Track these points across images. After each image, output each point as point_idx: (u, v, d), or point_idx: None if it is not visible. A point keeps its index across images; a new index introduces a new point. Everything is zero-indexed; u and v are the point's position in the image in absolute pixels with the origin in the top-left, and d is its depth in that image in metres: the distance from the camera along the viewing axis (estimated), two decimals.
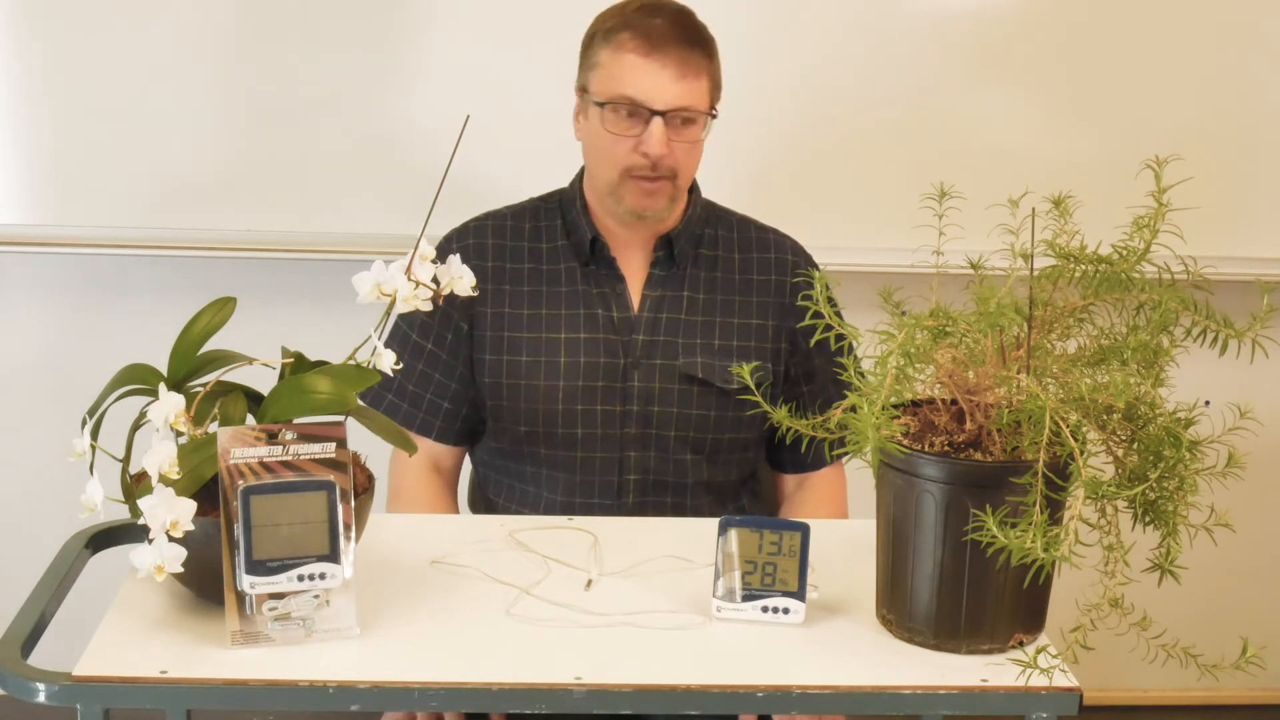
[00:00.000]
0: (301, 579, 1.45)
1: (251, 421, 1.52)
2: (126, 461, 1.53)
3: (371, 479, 1.60)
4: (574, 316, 2.05)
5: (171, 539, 1.41)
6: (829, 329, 1.54)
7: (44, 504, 2.30)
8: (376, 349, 1.55)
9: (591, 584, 1.65)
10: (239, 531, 1.43)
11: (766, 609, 1.55)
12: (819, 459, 2.12)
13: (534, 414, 2.04)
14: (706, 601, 1.57)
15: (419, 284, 1.53)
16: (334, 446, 1.48)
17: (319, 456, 1.48)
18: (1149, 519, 1.44)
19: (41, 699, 1.39)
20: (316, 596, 1.46)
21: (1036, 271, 1.54)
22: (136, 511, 1.46)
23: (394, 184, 2.64)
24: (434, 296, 1.54)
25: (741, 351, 2.06)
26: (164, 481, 1.42)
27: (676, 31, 1.95)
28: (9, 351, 2.86)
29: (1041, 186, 1.57)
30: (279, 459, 1.46)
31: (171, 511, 1.40)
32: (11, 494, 2.90)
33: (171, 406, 1.47)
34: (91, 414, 1.51)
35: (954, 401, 1.51)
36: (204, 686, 1.40)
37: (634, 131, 1.95)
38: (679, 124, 1.96)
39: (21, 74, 2.62)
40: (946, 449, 1.48)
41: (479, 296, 1.94)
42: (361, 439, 1.59)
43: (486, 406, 2.07)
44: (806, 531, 1.55)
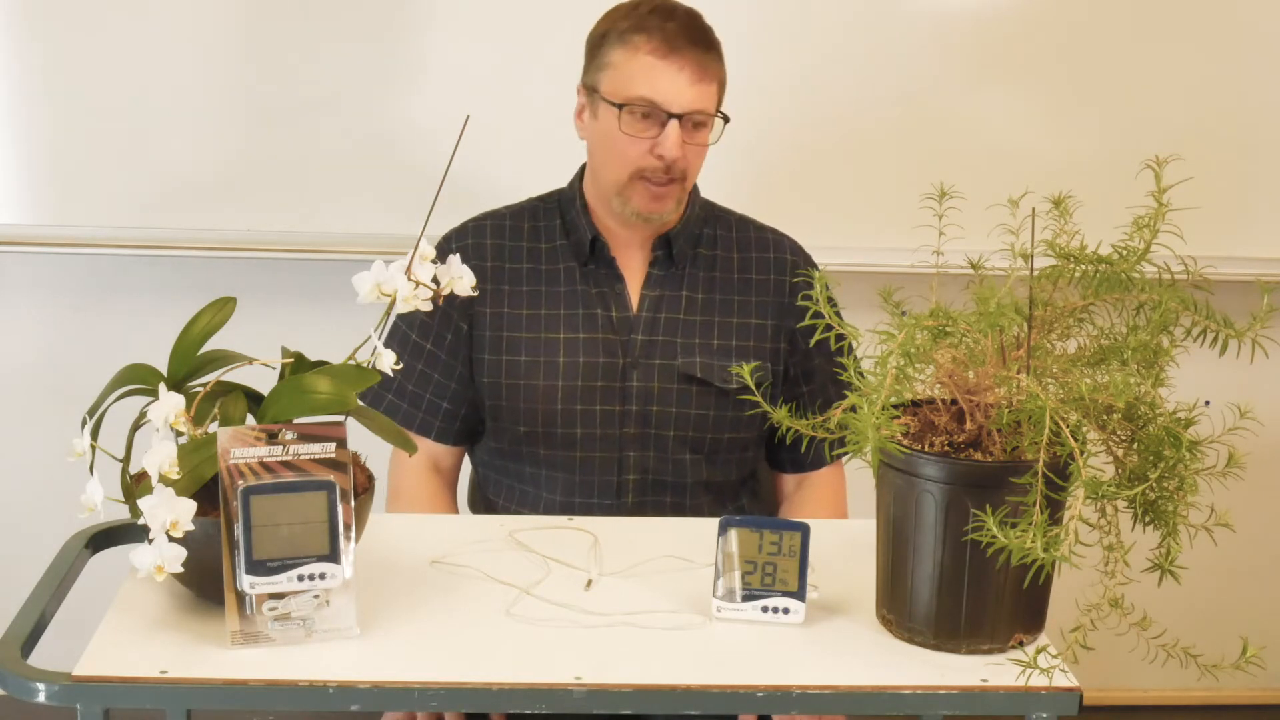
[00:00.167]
0: (301, 579, 1.45)
1: (251, 421, 1.52)
2: (126, 461, 1.53)
3: (371, 479, 1.60)
4: (573, 316, 2.05)
5: (171, 539, 1.41)
6: (829, 329, 1.54)
7: (44, 504, 2.30)
8: (376, 349, 1.55)
9: (591, 584, 1.65)
10: (239, 531, 1.43)
11: (766, 609, 1.55)
12: (819, 459, 2.13)
13: (533, 414, 2.04)
14: (706, 601, 1.57)
15: (419, 284, 1.53)
16: (334, 446, 1.48)
17: (319, 456, 1.48)
18: (1149, 519, 1.44)
19: (41, 699, 1.39)
20: (316, 596, 1.46)
21: (1036, 271, 1.54)
22: (136, 511, 1.46)
23: (394, 184, 2.64)
24: (434, 296, 1.55)
25: (741, 351, 2.06)
26: (164, 481, 1.42)
27: (691, 34, 1.96)
28: (9, 351, 2.86)
29: (1041, 186, 1.57)
30: (279, 459, 1.46)
31: (171, 511, 1.40)
32: (11, 494, 2.91)
33: (171, 406, 1.47)
34: (91, 414, 1.51)
35: (954, 401, 1.51)
36: (204, 686, 1.40)
37: (649, 133, 1.95)
38: (691, 127, 1.96)
39: (21, 74, 2.62)
40: (946, 449, 1.48)
41: (478, 296, 1.95)
42: (361, 439, 1.59)
43: (485, 406, 2.07)
44: (806, 531, 1.55)
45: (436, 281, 1.55)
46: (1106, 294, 1.53)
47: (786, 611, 1.55)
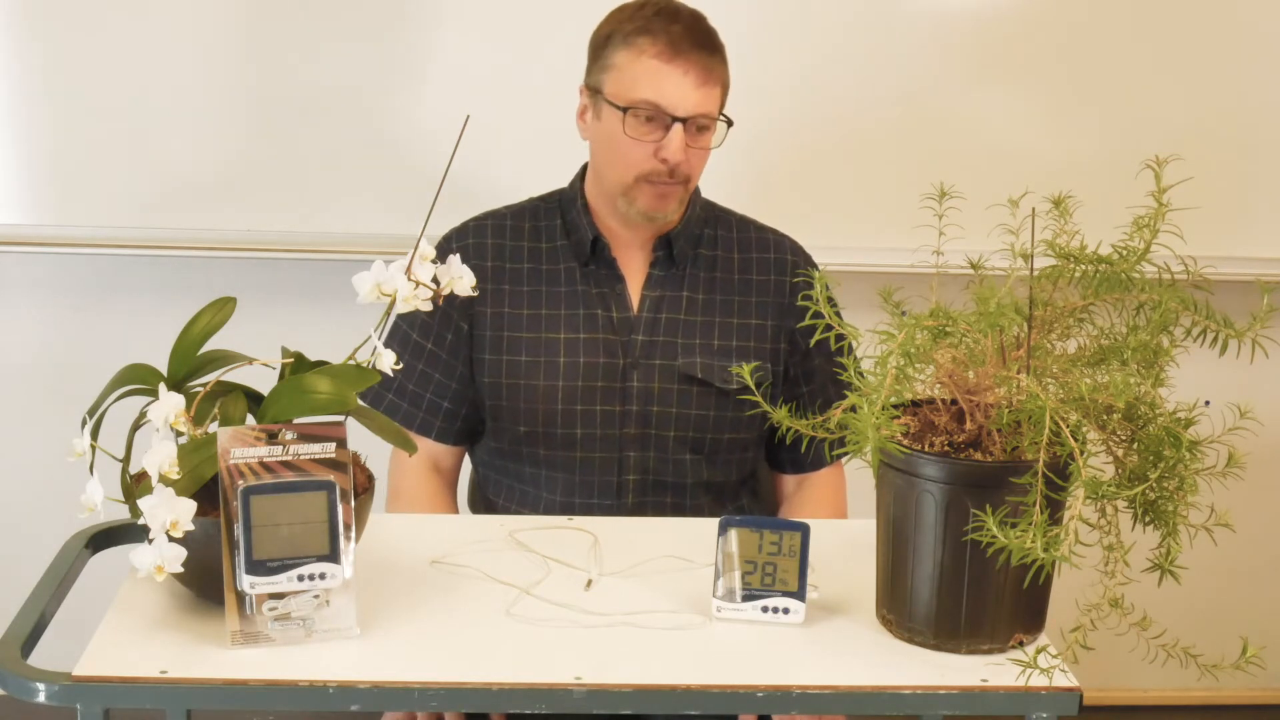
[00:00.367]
0: (301, 579, 1.45)
1: (251, 421, 1.52)
2: (126, 461, 1.53)
3: (371, 479, 1.60)
4: (573, 316, 2.05)
5: (171, 539, 1.40)
6: (829, 329, 1.54)
7: (44, 504, 2.30)
8: (376, 349, 1.55)
9: (591, 584, 1.65)
10: (239, 531, 1.43)
11: (766, 609, 1.55)
12: (819, 459, 2.13)
13: (533, 414, 2.04)
14: (706, 601, 1.57)
15: (419, 284, 1.53)
16: (334, 446, 1.48)
17: (319, 456, 1.48)
18: (1149, 519, 1.44)
19: (41, 699, 1.39)
20: (316, 596, 1.46)
21: (1036, 271, 1.53)
22: (136, 511, 1.46)
23: (394, 184, 2.64)
24: (434, 296, 1.55)
25: (741, 351, 2.06)
26: (164, 481, 1.42)
27: (696, 37, 1.95)
28: (9, 351, 2.86)
29: (1041, 186, 1.57)
30: (279, 459, 1.46)
31: (171, 511, 1.40)
32: (11, 494, 2.90)
33: (171, 406, 1.47)
34: (91, 414, 1.51)
35: (954, 401, 1.51)
36: (204, 686, 1.40)
37: (653, 137, 1.95)
38: (694, 130, 1.96)
39: (21, 74, 2.62)
40: (946, 449, 1.48)
41: (479, 296, 1.95)
42: (361, 439, 1.59)
43: (486, 406, 2.07)
44: (806, 531, 1.55)
45: (436, 281, 1.55)
46: (1106, 294, 1.53)
47: (786, 611, 1.55)
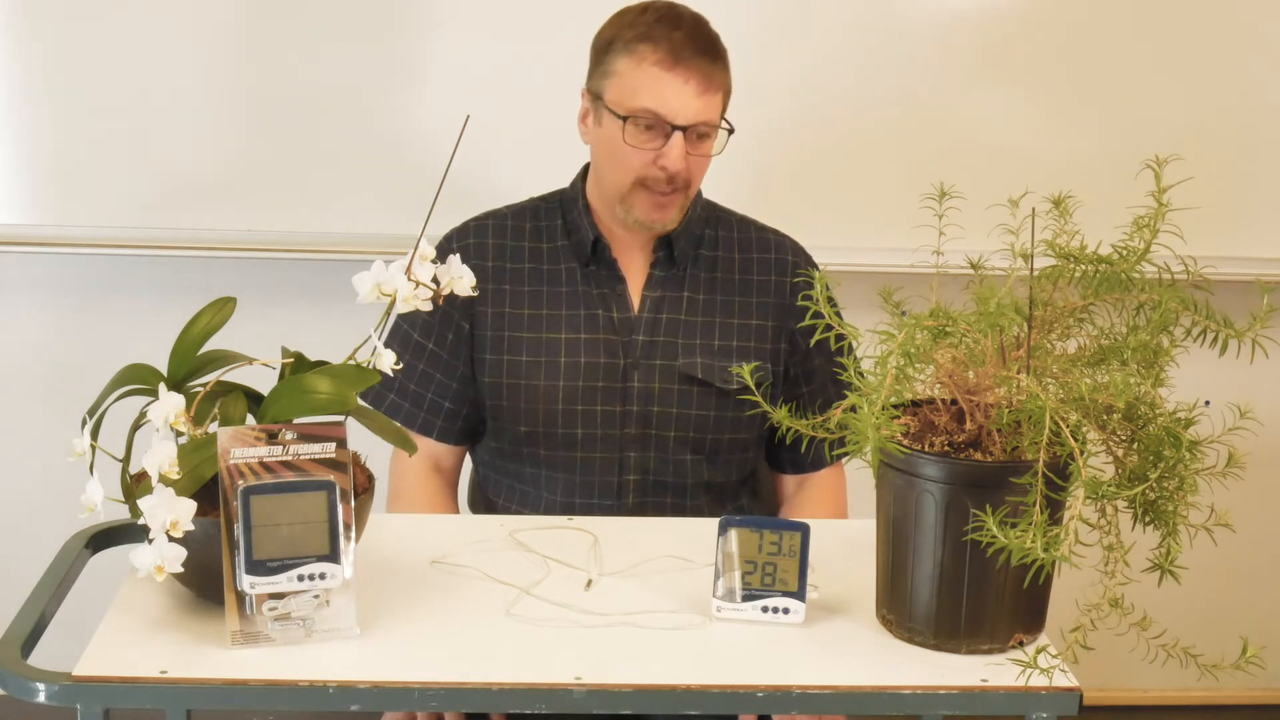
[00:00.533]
0: (301, 579, 1.45)
1: (251, 421, 1.52)
2: (126, 461, 1.53)
3: (371, 479, 1.60)
4: (574, 317, 2.05)
5: (171, 539, 1.40)
6: (829, 329, 1.54)
7: (44, 504, 2.30)
8: (376, 349, 1.55)
9: (591, 584, 1.65)
10: (239, 531, 1.43)
11: (766, 609, 1.55)
12: (819, 459, 2.12)
13: (534, 414, 2.04)
14: (706, 601, 1.57)
15: (419, 284, 1.53)
16: (334, 446, 1.48)
17: (319, 456, 1.48)
18: (1149, 519, 1.44)
19: (41, 699, 1.39)
20: (316, 596, 1.46)
21: (1036, 271, 1.53)
22: (136, 511, 1.46)
23: (394, 184, 2.64)
24: (434, 296, 1.54)
25: (741, 352, 2.06)
26: (164, 481, 1.42)
27: (698, 43, 1.94)
28: (9, 351, 2.86)
29: (1041, 186, 1.57)
30: (279, 459, 1.46)
31: (171, 511, 1.40)
32: (11, 494, 2.91)
33: (171, 406, 1.47)
34: (91, 414, 1.51)
35: (954, 401, 1.51)
36: (204, 686, 1.40)
37: (653, 144, 1.94)
38: (695, 138, 1.95)
39: (21, 74, 2.62)
40: (946, 449, 1.48)
41: (479, 296, 1.95)
42: (361, 439, 1.59)
43: (486, 406, 2.07)
44: (806, 531, 1.55)
45: (436, 281, 1.55)
46: (1106, 294, 1.53)
47: (786, 611, 1.55)
